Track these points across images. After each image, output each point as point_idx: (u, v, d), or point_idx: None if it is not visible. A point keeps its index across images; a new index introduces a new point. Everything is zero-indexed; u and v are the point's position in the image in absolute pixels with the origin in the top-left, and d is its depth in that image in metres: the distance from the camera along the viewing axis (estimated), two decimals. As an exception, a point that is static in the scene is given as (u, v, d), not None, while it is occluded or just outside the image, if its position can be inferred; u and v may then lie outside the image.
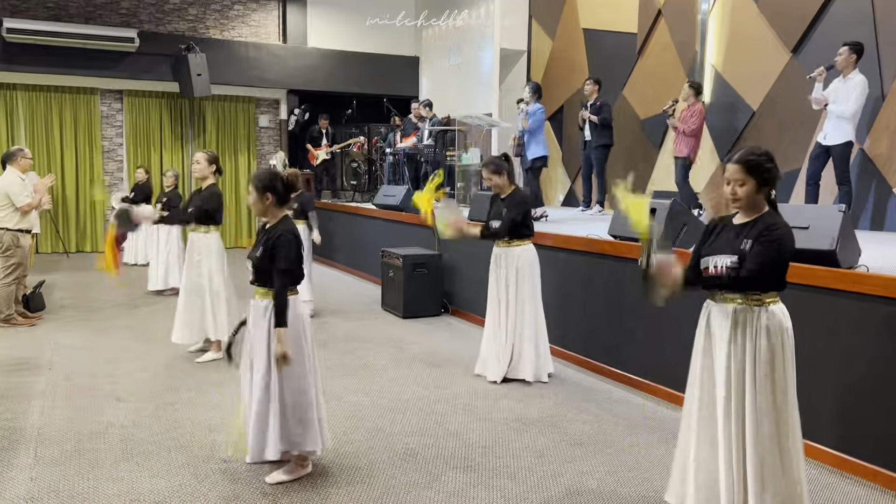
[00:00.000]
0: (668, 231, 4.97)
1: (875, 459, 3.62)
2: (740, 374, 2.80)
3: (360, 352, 6.13)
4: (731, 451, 2.82)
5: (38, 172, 11.93)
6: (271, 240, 3.47)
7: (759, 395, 2.77)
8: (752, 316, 2.79)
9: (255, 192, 3.53)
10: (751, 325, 2.79)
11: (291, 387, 3.50)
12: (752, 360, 2.78)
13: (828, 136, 6.35)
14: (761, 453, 2.77)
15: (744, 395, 2.80)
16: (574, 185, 10.93)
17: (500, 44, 11.42)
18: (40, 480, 3.54)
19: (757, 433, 2.77)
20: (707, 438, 2.92)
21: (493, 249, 5.33)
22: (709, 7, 8.59)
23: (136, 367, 5.53)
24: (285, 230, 3.50)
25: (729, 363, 2.82)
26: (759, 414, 2.77)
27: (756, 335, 2.77)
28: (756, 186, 2.79)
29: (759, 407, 2.77)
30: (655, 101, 9.34)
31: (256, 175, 3.59)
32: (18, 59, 11.55)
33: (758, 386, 2.77)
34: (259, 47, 13.31)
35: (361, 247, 10.29)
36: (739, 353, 2.81)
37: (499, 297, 5.25)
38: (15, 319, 6.88)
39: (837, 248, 3.87)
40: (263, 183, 3.53)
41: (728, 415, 2.82)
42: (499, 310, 5.25)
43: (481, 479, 3.63)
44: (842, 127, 6.24)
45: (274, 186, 3.54)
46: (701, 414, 2.96)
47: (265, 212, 3.58)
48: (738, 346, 2.81)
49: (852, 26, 6.89)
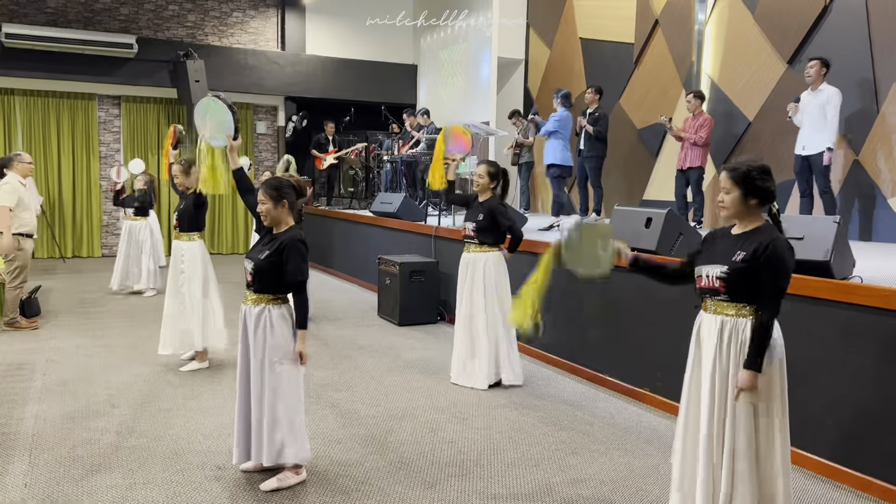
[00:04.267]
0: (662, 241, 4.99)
1: (869, 470, 3.63)
2: (724, 387, 2.81)
3: (356, 359, 6.13)
4: (711, 462, 2.83)
5: (36, 178, 11.97)
6: (280, 246, 3.45)
7: (738, 415, 2.76)
8: (739, 328, 2.79)
9: (270, 201, 3.50)
10: (737, 338, 2.78)
11: (285, 395, 3.50)
12: (736, 373, 2.77)
13: (805, 146, 6.49)
14: (731, 466, 2.77)
15: (725, 409, 2.80)
16: (570, 193, 10.95)
17: (497, 52, 11.47)
18: (34, 486, 3.53)
19: (734, 446, 2.77)
20: (692, 449, 2.95)
21: (464, 255, 5.38)
22: (705, 17, 8.64)
23: (130, 374, 5.52)
24: (294, 236, 3.48)
25: (714, 376, 2.83)
26: (737, 428, 2.77)
27: (741, 348, 2.77)
28: (742, 196, 2.80)
29: (738, 421, 2.77)
30: (652, 110, 9.39)
31: (268, 183, 3.56)
32: (17, 64, 11.57)
33: (738, 406, 2.76)
34: (257, 54, 13.34)
35: (358, 254, 10.29)
36: (724, 365, 2.81)
37: (472, 301, 5.28)
38: (18, 323, 6.91)
39: (832, 259, 3.89)
40: (277, 190, 3.51)
41: (710, 427, 2.83)
42: (471, 315, 5.30)
43: (476, 487, 3.63)
44: (817, 136, 6.37)
45: (288, 193, 3.54)
46: (688, 425, 2.98)
47: (280, 219, 3.55)
48: (724, 360, 2.81)
49: (847, 38, 6.95)
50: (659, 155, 9.34)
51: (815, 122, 6.40)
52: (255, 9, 13.66)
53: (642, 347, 5.07)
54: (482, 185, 5.25)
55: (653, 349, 4.97)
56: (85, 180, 12.68)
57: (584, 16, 10.73)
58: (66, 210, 12.58)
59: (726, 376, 2.80)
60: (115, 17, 12.56)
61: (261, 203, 3.53)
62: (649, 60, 9.50)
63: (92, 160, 12.72)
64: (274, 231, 3.58)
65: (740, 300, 2.79)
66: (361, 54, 14.15)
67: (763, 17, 7.87)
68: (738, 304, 2.79)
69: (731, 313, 2.81)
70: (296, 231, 3.54)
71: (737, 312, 2.80)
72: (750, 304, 2.78)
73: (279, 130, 14.23)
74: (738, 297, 2.79)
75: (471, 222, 5.28)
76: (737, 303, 2.79)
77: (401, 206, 9.00)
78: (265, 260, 3.45)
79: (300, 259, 3.44)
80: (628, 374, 5.22)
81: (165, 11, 12.95)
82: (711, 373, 2.83)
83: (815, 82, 6.44)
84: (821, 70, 6.41)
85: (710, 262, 2.87)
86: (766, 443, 2.79)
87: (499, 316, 5.26)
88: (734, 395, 2.76)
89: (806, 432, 3.83)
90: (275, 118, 14.24)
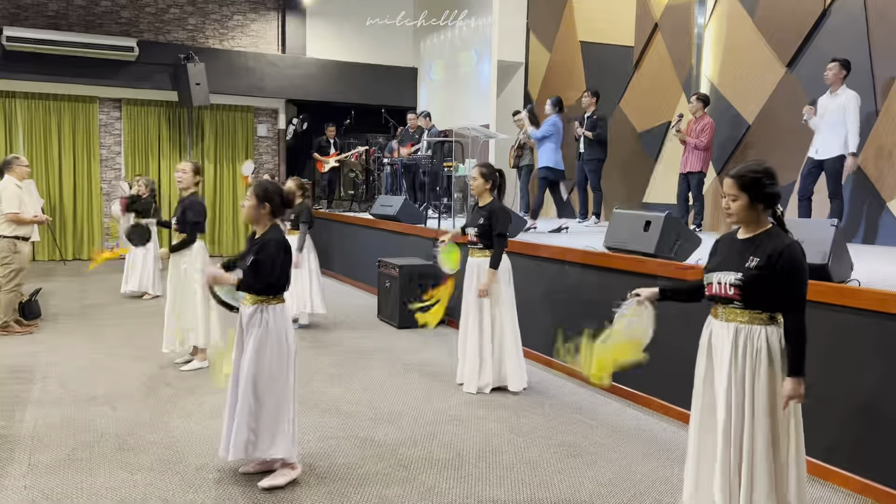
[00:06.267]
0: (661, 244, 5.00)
1: (867, 473, 3.63)
2: (740, 394, 2.78)
3: (355, 362, 6.14)
4: (728, 469, 2.80)
5: (37, 180, 11.99)
6: (258, 248, 3.53)
7: (756, 423, 2.74)
8: (753, 335, 2.76)
9: (255, 200, 3.59)
10: (752, 346, 2.75)
11: (274, 392, 3.54)
12: (752, 387, 2.75)
13: (819, 150, 6.42)
14: (751, 471, 2.75)
15: (742, 422, 2.77)
16: (570, 196, 10.97)
17: (497, 56, 11.49)
18: (34, 489, 3.54)
19: (752, 450, 2.75)
20: (707, 457, 2.92)
21: (469, 260, 5.36)
22: (705, 21, 8.66)
23: (130, 376, 5.53)
24: (272, 238, 3.56)
25: (730, 383, 2.79)
26: (755, 432, 2.74)
27: (756, 355, 2.74)
28: (749, 202, 2.78)
29: (756, 425, 2.75)
30: (651, 113, 9.41)
31: (260, 184, 3.66)
32: (18, 67, 11.60)
33: (756, 414, 2.75)
34: (258, 57, 13.36)
35: (358, 256, 10.30)
36: (740, 372, 2.77)
37: (479, 306, 5.27)
38: (12, 327, 6.87)
39: (830, 263, 3.89)
40: (264, 193, 3.59)
41: (727, 434, 2.80)
42: (480, 319, 5.28)
43: (473, 489, 3.64)
44: (834, 141, 6.30)
45: (272, 198, 3.59)
46: (701, 433, 2.95)
47: (258, 220, 3.63)
48: (739, 367, 2.77)
49: (847, 42, 6.96)
50: (658, 158, 9.35)
51: (833, 125, 6.30)
52: (256, 12, 13.69)
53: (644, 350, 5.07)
54: (478, 188, 5.25)
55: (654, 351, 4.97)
56: (86, 183, 12.69)
57: (583, 19, 10.75)
58: (66, 212, 12.60)
59: (742, 383, 2.77)
60: (115, 20, 12.59)
61: (246, 199, 3.64)
62: (649, 64, 9.51)
63: (93, 163, 12.74)
64: (256, 235, 3.65)
65: (755, 307, 2.76)
66: (362, 57, 14.18)
67: (762, 20, 7.88)
68: (753, 312, 2.76)
69: (745, 320, 2.78)
70: (273, 233, 3.60)
71: (751, 319, 2.77)
72: (764, 311, 2.75)
73: (280, 133, 14.25)
74: (752, 305, 2.75)
75: (472, 227, 5.27)
76: (751, 310, 2.76)
77: (401, 209, 9.01)
78: (249, 265, 3.55)
79: (271, 260, 3.50)
80: (628, 378, 5.22)
81: (166, 14, 12.98)
82: (728, 380, 2.79)
83: (835, 84, 6.34)
84: (840, 72, 6.29)
85: (721, 268, 2.84)
86: (785, 446, 2.77)
87: (504, 321, 5.25)
88: (782, 404, 2.72)
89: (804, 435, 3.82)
90: (275, 121, 14.26)
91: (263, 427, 3.54)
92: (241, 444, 3.52)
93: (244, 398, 3.52)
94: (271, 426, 3.54)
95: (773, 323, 2.77)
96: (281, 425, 3.56)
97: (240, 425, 3.51)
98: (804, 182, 6.56)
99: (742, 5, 8.11)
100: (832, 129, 6.33)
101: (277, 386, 3.56)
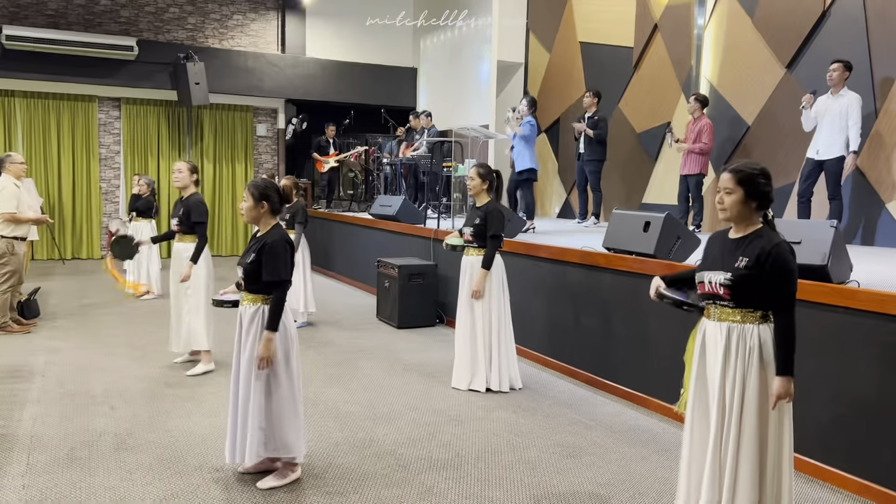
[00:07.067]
0: (660, 244, 5.00)
1: (866, 474, 3.63)
2: (732, 393, 2.79)
3: (354, 362, 6.13)
4: (716, 466, 2.82)
5: (36, 179, 12.00)
6: (262, 248, 3.51)
7: (745, 421, 2.76)
8: (746, 334, 2.77)
9: (252, 200, 3.57)
10: (744, 344, 2.76)
11: (278, 393, 3.53)
12: (743, 385, 2.76)
13: (820, 150, 6.42)
14: (735, 469, 2.76)
15: (731, 420, 2.78)
16: (570, 197, 10.98)
17: (497, 56, 11.49)
18: (32, 488, 3.54)
19: (738, 449, 2.76)
20: (699, 457, 2.93)
21: (464, 259, 5.37)
22: (704, 22, 8.66)
23: (129, 375, 5.52)
24: (277, 238, 3.53)
25: (723, 382, 2.80)
26: (743, 431, 2.76)
27: (749, 354, 2.75)
28: (744, 197, 2.79)
29: (745, 424, 2.76)
30: (651, 114, 9.41)
31: (254, 183, 3.63)
32: (17, 66, 11.59)
33: (745, 412, 2.76)
34: (257, 57, 13.36)
35: (357, 256, 10.30)
36: (732, 372, 2.78)
37: (471, 305, 5.28)
38: (10, 327, 6.86)
39: (829, 264, 3.89)
40: (260, 191, 3.58)
41: (719, 433, 2.81)
42: (472, 318, 5.29)
43: (472, 490, 3.64)
44: (835, 142, 6.30)
45: (270, 196, 3.58)
46: (694, 433, 2.96)
47: (258, 219, 3.62)
48: (732, 366, 2.78)
49: (846, 42, 6.96)
50: (658, 158, 9.35)
51: (834, 126, 6.30)
52: (256, 11, 13.68)
53: (642, 351, 5.07)
54: (475, 188, 5.26)
55: (651, 352, 4.98)
56: (85, 182, 12.69)
57: (583, 20, 10.75)
58: (65, 212, 12.59)
59: (734, 382, 2.78)
60: (115, 19, 12.59)
61: (243, 200, 3.62)
62: (648, 64, 9.51)
63: (92, 162, 12.73)
64: (259, 234, 3.63)
65: (746, 306, 2.77)
66: (362, 57, 14.18)
67: (762, 21, 7.88)
68: (744, 310, 2.78)
69: (738, 319, 2.79)
70: (277, 232, 3.58)
71: (743, 318, 2.78)
72: (756, 310, 2.77)
73: (279, 133, 14.25)
74: (743, 304, 2.77)
75: (469, 227, 5.29)
76: (742, 309, 2.78)
77: (400, 209, 9.01)
78: (251, 264, 3.52)
79: (277, 259, 3.48)
80: (627, 378, 5.23)
81: (166, 14, 12.98)
82: (721, 379, 2.81)
83: (837, 85, 6.34)
84: (843, 73, 6.30)
85: (712, 267, 2.86)
86: (775, 445, 2.77)
87: (499, 320, 5.27)
88: (771, 404, 2.73)
89: (803, 436, 3.83)
90: (275, 121, 14.26)
91: (274, 424, 3.53)
92: (253, 449, 3.50)
93: (256, 405, 3.49)
94: (282, 426, 3.53)
95: (767, 321, 2.79)
96: (290, 420, 3.56)
97: (252, 429, 3.49)
98: (804, 183, 6.56)
99: (742, 6, 8.11)
100: (834, 130, 6.33)
101: (283, 386, 3.55)
